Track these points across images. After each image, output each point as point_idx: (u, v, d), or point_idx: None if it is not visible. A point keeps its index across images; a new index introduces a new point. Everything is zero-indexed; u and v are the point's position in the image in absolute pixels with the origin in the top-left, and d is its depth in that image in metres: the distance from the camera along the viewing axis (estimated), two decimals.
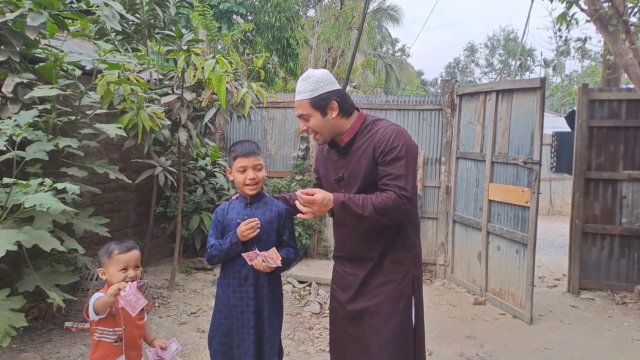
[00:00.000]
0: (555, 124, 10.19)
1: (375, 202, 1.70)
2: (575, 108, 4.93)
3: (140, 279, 1.77)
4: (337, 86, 1.87)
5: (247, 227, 1.81)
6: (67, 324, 3.11)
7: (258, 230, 1.82)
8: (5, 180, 2.34)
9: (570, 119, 5.61)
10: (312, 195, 1.68)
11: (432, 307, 4.14)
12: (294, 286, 4.40)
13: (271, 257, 1.77)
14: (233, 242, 1.83)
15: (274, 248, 1.81)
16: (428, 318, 3.88)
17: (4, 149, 2.49)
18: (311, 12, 12.00)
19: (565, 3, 4.56)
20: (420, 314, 1.92)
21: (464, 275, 4.72)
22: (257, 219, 1.83)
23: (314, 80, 1.82)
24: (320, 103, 1.82)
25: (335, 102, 1.83)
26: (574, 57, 19.87)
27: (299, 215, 1.74)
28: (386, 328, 1.81)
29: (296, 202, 1.73)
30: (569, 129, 5.83)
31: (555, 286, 4.94)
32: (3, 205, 2.51)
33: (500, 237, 4.17)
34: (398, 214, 1.75)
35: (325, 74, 1.85)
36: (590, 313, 4.10)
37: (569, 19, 4.74)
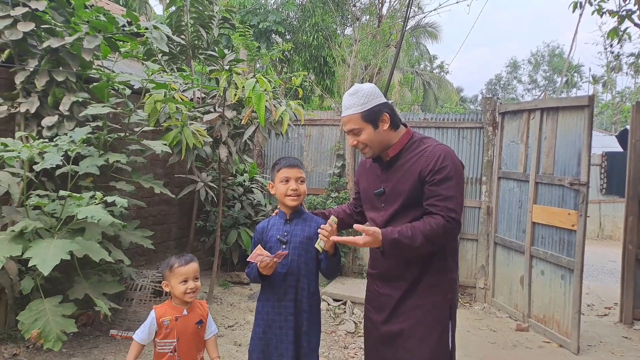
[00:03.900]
0: (605, 143, 9.67)
1: (425, 230, 1.65)
2: (627, 126, 4.66)
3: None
4: (384, 99, 1.85)
5: (261, 266, 1.79)
6: (112, 331, 3.23)
7: (270, 260, 1.78)
8: (61, 192, 2.50)
9: (622, 137, 5.31)
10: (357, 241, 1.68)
11: (471, 331, 3.98)
12: (328, 304, 4.36)
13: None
14: (257, 274, 1.87)
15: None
16: (467, 343, 3.76)
17: (61, 163, 2.67)
18: (348, 31, 12.16)
19: (616, 17, 4.39)
20: (454, 341, 1.85)
21: (505, 299, 4.51)
22: (261, 251, 1.80)
23: (364, 94, 1.80)
24: (372, 116, 1.79)
25: (387, 114, 1.81)
26: (626, 73, 18.89)
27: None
28: (420, 351, 1.76)
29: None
30: (620, 149, 5.52)
31: (605, 315, 4.62)
32: (58, 216, 2.68)
33: (544, 261, 3.96)
34: (446, 238, 1.71)
35: (373, 87, 1.83)
36: None
37: (620, 33, 4.54)
